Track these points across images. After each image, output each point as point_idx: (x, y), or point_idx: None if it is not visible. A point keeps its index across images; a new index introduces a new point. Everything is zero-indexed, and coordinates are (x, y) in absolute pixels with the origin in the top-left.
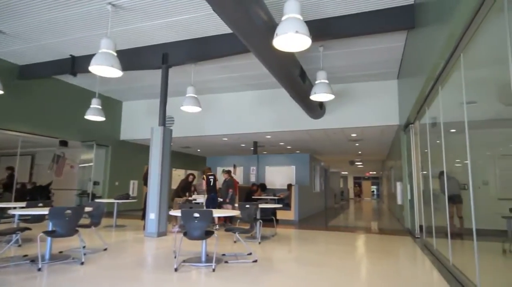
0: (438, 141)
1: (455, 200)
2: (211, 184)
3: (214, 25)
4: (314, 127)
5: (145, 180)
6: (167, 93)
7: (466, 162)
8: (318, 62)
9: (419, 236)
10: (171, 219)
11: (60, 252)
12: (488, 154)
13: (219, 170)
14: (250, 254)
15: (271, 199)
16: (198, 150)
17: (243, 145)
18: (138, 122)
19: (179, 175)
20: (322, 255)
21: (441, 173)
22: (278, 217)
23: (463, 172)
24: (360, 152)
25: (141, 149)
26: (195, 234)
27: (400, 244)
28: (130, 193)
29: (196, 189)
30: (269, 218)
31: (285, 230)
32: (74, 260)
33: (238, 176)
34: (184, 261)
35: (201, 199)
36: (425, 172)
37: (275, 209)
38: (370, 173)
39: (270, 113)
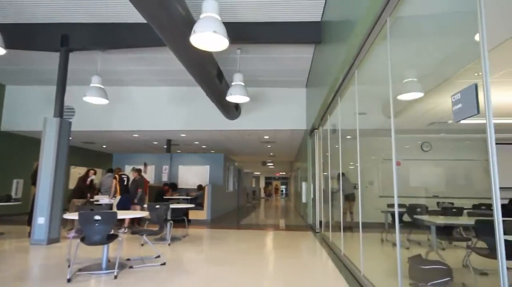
0: (336, 146)
1: (349, 197)
2: (125, 183)
3: (126, 11)
4: (230, 128)
5: (34, 179)
6: (66, 80)
7: (357, 164)
8: (235, 64)
9: (318, 231)
10: (67, 223)
11: None
12: (373, 158)
13: (128, 168)
14: (159, 256)
15: (183, 199)
16: (104, 146)
17: (156, 143)
18: (28, 111)
19: (79, 173)
20: (232, 254)
21: (338, 174)
22: (190, 217)
23: (355, 173)
24: (271, 153)
25: (31, 143)
26: (95, 239)
27: (302, 239)
28: (13, 194)
29: (100, 188)
30: (180, 218)
31: (197, 230)
32: None
33: (150, 175)
34: (80, 270)
35: (105, 199)
36: (325, 173)
37: (187, 209)
38: (280, 173)
39: (186, 111)
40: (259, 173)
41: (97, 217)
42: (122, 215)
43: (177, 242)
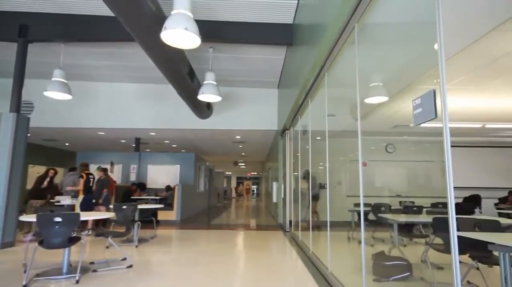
0: (307, 147)
1: (315, 197)
2: (91, 183)
3: (92, 3)
4: (201, 127)
5: None
6: (24, 73)
7: (326, 165)
8: (207, 63)
9: (288, 230)
10: (24, 225)
11: None
12: (342, 159)
13: (93, 168)
14: (125, 259)
15: (152, 199)
16: (67, 144)
17: (124, 141)
18: None
19: (38, 172)
20: (202, 255)
21: (308, 174)
22: (159, 218)
23: (324, 174)
24: (243, 153)
25: None
26: (54, 242)
27: (272, 238)
28: None
29: (62, 188)
30: (149, 219)
31: (166, 231)
32: None
33: (116, 174)
34: (38, 275)
35: (67, 200)
36: (296, 173)
37: (156, 209)
38: (252, 173)
39: (156, 110)
40: (230, 173)
41: (58, 219)
42: (86, 216)
43: (145, 244)
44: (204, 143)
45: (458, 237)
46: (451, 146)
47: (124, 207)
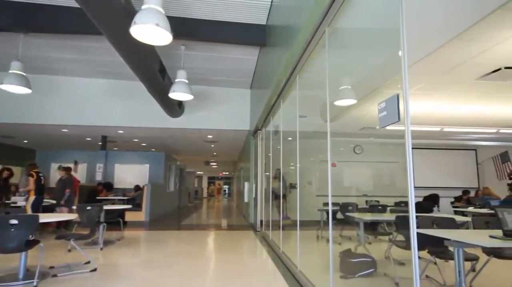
0: (278, 147)
1: (283, 197)
2: (42, 182)
3: None
4: (172, 126)
5: None
6: None
7: (297, 165)
8: (179, 60)
9: (259, 230)
10: None
11: None
12: (312, 159)
13: (54, 166)
14: (89, 262)
15: (119, 200)
16: (25, 141)
17: (89, 139)
18: None
19: None
20: (171, 256)
21: (279, 174)
22: (126, 219)
23: (295, 174)
24: (215, 153)
25: None
26: (9, 246)
27: (243, 238)
28: None
29: (18, 188)
30: (115, 220)
31: (134, 232)
32: None
33: (81, 174)
34: None
35: (22, 201)
36: (267, 173)
37: (123, 210)
38: (224, 173)
39: (125, 107)
40: (202, 173)
41: (13, 221)
42: (46, 218)
43: (111, 246)
44: (175, 142)
45: (418, 234)
46: (413, 148)
47: (89, 207)
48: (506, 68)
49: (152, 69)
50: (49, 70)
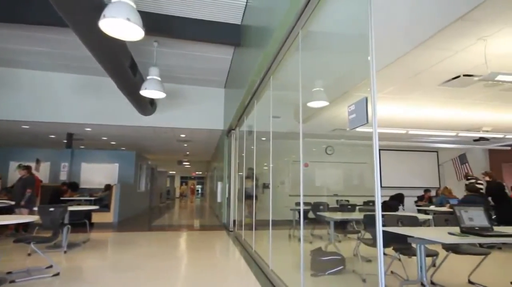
0: (252, 147)
1: (257, 196)
2: None
3: None
4: (143, 124)
5: None
6: None
7: (270, 165)
8: (152, 57)
9: (232, 230)
10: None
11: None
12: (285, 159)
13: (14, 165)
14: (51, 266)
15: (86, 200)
16: None
17: (53, 136)
18: None
19: None
20: (141, 258)
21: (251, 174)
22: (93, 220)
23: (268, 174)
24: (188, 153)
25: None
26: None
27: (216, 238)
28: None
29: None
30: (81, 222)
31: (102, 234)
32: None
33: (43, 173)
34: None
35: None
36: (241, 173)
37: (90, 211)
38: (197, 173)
39: (93, 103)
40: (174, 172)
41: None
42: (4, 220)
43: (76, 249)
44: (146, 141)
45: (384, 232)
46: (380, 149)
47: (52, 209)
48: (464, 75)
49: (122, 65)
50: (9, 63)
